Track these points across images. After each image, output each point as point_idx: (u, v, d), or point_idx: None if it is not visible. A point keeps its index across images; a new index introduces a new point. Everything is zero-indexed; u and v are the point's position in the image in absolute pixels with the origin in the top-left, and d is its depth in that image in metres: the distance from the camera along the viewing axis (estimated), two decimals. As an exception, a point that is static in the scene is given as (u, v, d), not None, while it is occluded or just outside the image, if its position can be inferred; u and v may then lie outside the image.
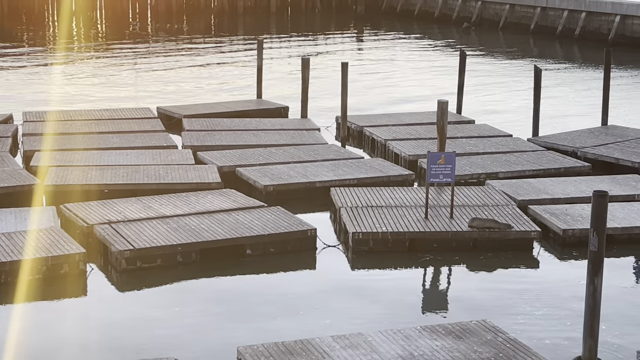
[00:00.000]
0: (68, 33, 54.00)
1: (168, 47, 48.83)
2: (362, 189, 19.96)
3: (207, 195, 19.25)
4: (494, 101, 34.04)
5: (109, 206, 18.30)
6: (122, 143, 23.96)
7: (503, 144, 24.78)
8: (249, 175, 20.87)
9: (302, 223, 17.65)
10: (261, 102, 30.26)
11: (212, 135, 25.05)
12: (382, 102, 33.51)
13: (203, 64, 42.58)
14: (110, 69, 40.69)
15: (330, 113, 28.87)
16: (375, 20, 64.78)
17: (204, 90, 35.39)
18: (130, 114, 27.57)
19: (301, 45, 51.24)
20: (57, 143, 23.48)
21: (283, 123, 27.18)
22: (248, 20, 62.65)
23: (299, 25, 61.61)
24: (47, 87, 35.26)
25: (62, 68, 40.51)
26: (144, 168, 21.21)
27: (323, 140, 25.10)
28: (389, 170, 21.86)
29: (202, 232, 16.90)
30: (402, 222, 17.85)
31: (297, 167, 21.67)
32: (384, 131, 25.77)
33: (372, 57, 47.12)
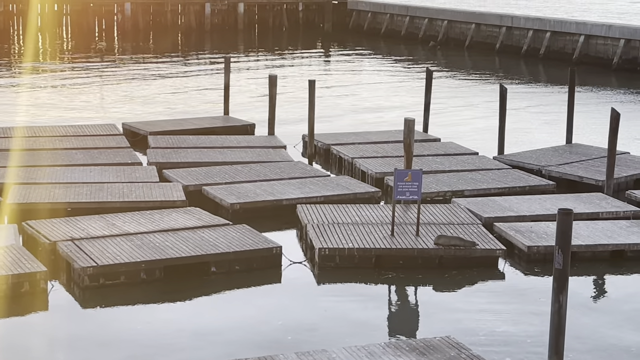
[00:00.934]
0: (33, 49, 53.55)
1: (135, 63, 48.59)
2: (328, 206, 19.91)
3: (172, 213, 19.08)
4: (460, 119, 34.22)
5: (72, 223, 18.08)
6: (86, 160, 23.71)
7: (469, 162, 24.88)
8: (215, 194, 20.74)
9: (268, 241, 17.55)
10: (228, 119, 30.16)
11: (177, 153, 24.88)
12: (349, 120, 33.55)
13: (170, 81, 42.41)
14: (76, 85, 40.38)
15: (297, 131, 28.83)
16: (343, 38, 65.00)
17: (171, 106, 35.21)
18: (95, 131, 27.32)
19: (268, 62, 51.27)
20: (19, 159, 23.17)
21: (249, 140, 27.09)
22: (215, 38, 62.58)
23: (266, 42, 61.68)
24: (11, 103, 34.88)
25: (27, 84, 40.12)
26: (108, 185, 20.99)
27: (289, 158, 25.03)
28: (355, 188, 21.84)
29: (167, 250, 16.73)
30: (369, 238, 17.81)
31: (264, 185, 21.57)
32: (350, 149, 25.77)
33: (339, 74, 47.24)
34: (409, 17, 63.00)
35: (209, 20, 65.34)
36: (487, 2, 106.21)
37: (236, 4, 66.45)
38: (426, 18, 61.59)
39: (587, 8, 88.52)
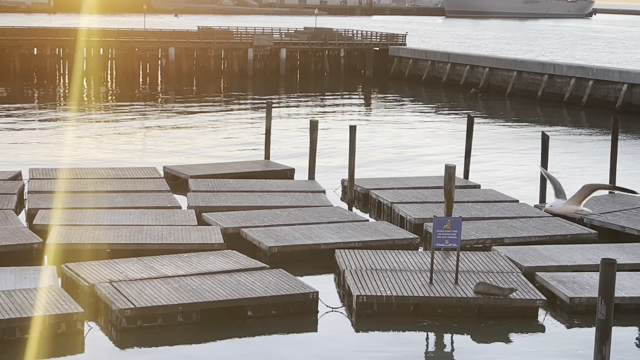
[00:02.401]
0: (78, 92, 54.42)
1: (177, 108, 49.13)
2: (366, 252, 19.80)
3: (209, 256, 19.10)
4: (500, 166, 33.99)
5: (110, 266, 18.16)
6: (126, 202, 23.90)
7: (509, 210, 24.64)
8: (253, 237, 20.75)
9: (304, 286, 17.46)
10: (268, 164, 30.26)
11: (217, 196, 24.99)
12: (389, 165, 33.49)
13: (212, 125, 42.78)
14: (119, 128, 40.89)
15: (337, 175, 28.84)
16: (384, 84, 65.28)
17: (212, 150, 35.46)
18: (136, 174, 27.56)
19: (310, 107, 51.54)
20: (61, 201, 23.42)
21: (289, 185, 27.14)
22: (258, 83, 63.17)
23: (307, 87, 62.09)
24: (56, 145, 35.38)
25: (72, 126, 40.71)
26: (147, 228, 21.11)
27: (328, 203, 25.02)
28: (394, 234, 21.71)
29: (204, 293, 16.71)
30: (407, 286, 17.64)
31: (302, 229, 21.55)
32: (390, 194, 25.69)
33: (379, 120, 47.31)
34: (450, 64, 63.11)
35: (251, 66, 66.03)
36: (533, 48, 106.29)
37: (278, 49, 67.13)
38: (467, 65, 61.65)
39: (631, 57, 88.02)
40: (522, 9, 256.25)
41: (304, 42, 69.00)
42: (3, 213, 22.01)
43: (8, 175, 26.59)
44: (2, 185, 25.11)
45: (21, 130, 39.00)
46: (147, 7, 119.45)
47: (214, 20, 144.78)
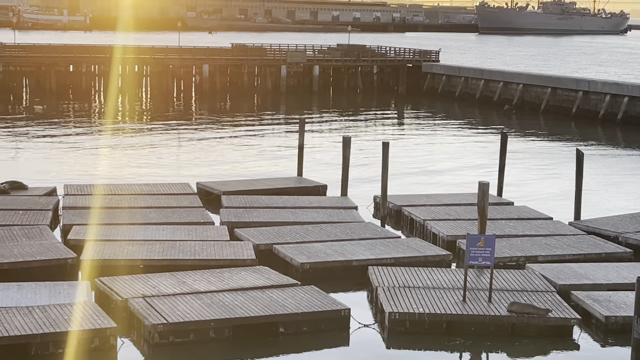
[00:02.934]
0: (113, 109, 54.98)
1: (211, 124, 49.42)
2: (399, 269, 19.72)
3: (241, 272, 19.14)
4: (534, 183, 33.74)
5: (143, 280, 18.25)
6: (159, 218, 24.04)
7: (543, 227, 24.43)
8: (285, 253, 20.76)
9: (336, 302, 17.42)
10: (300, 180, 30.30)
11: (249, 212, 25.05)
12: (422, 182, 33.39)
13: (245, 141, 42.95)
14: (153, 144, 41.18)
15: (369, 192, 28.79)
16: (416, 100, 65.21)
17: (245, 167, 35.59)
18: (169, 190, 27.72)
19: (342, 124, 51.58)
20: (95, 217, 23.62)
21: (321, 201, 27.15)
22: (291, 99, 63.39)
23: (340, 104, 62.18)
24: (91, 161, 35.71)
25: (107, 143, 41.08)
26: (180, 244, 21.21)
27: (360, 219, 24.98)
28: (426, 250, 21.62)
29: (236, 309, 16.73)
30: (440, 303, 17.53)
31: (334, 246, 21.52)
32: (422, 211, 25.59)
33: (412, 136, 47.23)
34: (484, 81, 62.91)
35: (284, 82, 66.29)
36: (568, 65, 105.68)
37: (311, 66, 67.35)
38: (501, 81, 61.41)
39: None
40: (557, 25, 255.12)
41: (337, 59, 69.18)
42: (38, 229, 22.23)
43: (43, 191, 26.88)
44: (38, 201, 25.39)
45: (56, 146, 39.42)
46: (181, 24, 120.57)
47: (247, 37, 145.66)
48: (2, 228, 22.12)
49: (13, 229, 22.02)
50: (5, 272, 19.11)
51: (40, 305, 16.51)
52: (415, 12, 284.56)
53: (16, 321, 15.57)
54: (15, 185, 27.15)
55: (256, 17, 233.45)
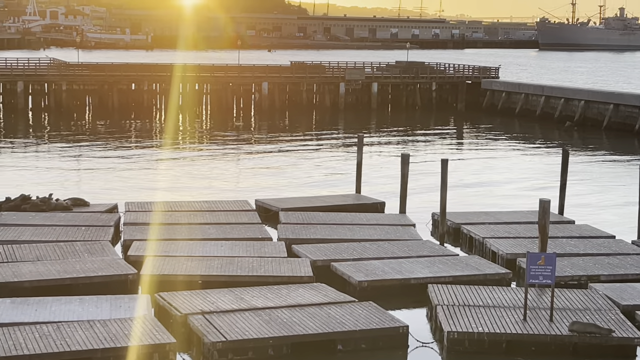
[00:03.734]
0: (174, 127, 55.66)
1: (270, 141, 49.71)
2: (459, 287, 19.53)
3: (299, 289, 19.15)
4: (595, 201, 33.19)
5: (202, 296, 18.37)
6: (218, 234, 24.22)
7: (605, 246, 23.99)
8: (343, 270, 20.72)
9: (394, 319, 17.32)
10: (359, 197, 30.26)
11: (307, 229, 25.09)
12: (481, 199, 33.08)
13: (304, 159, 43.09)
14: (213, 161, 41.56)
15: (427, 209, 28.62)
16: (476, 117, 64.74)
17: (304, 184, 35.68)
18: (228, 206, 27.91)
19: (401, 141, 51.44)
20: (155, 233, 23.89)
21: (378, 218, 27.06)
22: (349, 116, 63.45)
23: (399, 121, 62.03)
24: (151, 178, 36.16)
25: (167, 160, 41.59)
26: (238, 260, 21.32)
27: (418, 237, 24.85)
28: (485, 269, 21.38)
29: (294, 326, 16.73)
30: (500, 323, 17.31)
31: (392, 263, 21.42)
32: (481, 229, 25.35)
33: (471, 154, 46.87)
34: (545, 97, 62.21)
35: (343, 100, 66.42)
36: (631, 81, 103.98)
37: (370, 83, 67.39)
38: (562, 98, 60.66)
39: None
40: (619, 40, 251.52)
41: (395, 76, 69.11)
42: (100, 244, 22.57)
43: (105, 208, 27.29)
44: (99, 218, 25.78)
45: (118, 163, 40.02)
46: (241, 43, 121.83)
47: (306, 55, 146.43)
48: (65, 244, 22.51)
49: (75, 245, 22.40)
50: (68, 287, 19.43)
51: (101, 319, 16.73)
52: (474, 29, 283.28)
53: (77, 336, 15.79)
54: (78, 202, 27.61)
55: (315, 35, 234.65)
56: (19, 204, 26.78)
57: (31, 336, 15.68)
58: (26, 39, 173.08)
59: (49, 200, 27.09)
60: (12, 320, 16.60)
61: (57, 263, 20.61)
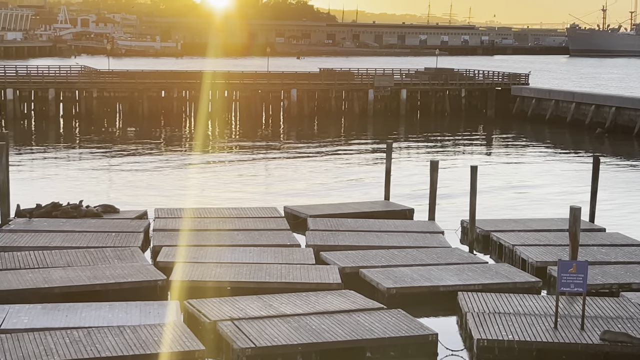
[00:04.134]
0: (203, 134, 55.90)
1: (298, 148, 49.77)
2: (489, 295, 19.42)
3: (327, 296, 19.13)
4: (627, 209, 32.86)
5: (231, 303, 18.40)
6: (247, 241, 24.27)
7: (637, 254, 23.73)
8: (372, 277, 20.67)
9: (424, 327, 17.24)
10: (387, 204, 30.18)
11: (335, 236, 25.07)
12: (510, 206, 32.88)
13: (332, 165, 43.09)
14: (242, 168, 41.67)
15: (456, 216, 28.49)
16: (506, 124, 64.42)
17: (333, 190, 35.66)
18: (257, 213, 27.97)
19: (430, 147, 51.30)
20: (184, 239, 23.98)
21: (407, 225, 26.98)
22: (378, 123, 63.39)
23: (428, 128, 61.88)
24: (181, 185, 36.33)
25: (196, 167, 41.76)
26: (266, 266, 21.35)
27: (446, 244, 24.73)
28: (515, 277, 21.23)
29: (323, 333, 16.71)
30: (530, 331, 17.18)
31: (421, 270, 21.34)
32: (511, 236, 25.19)
33: (501, 160, 46.62)
34: (575, 104, 61.77)
35: (372, 106, 66.40)
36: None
37: (399, 90, 67.31)
38: (593, 104, 60.19)
39: None
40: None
41: (424, 83, 68.99)
42: (130, 250, 22.70)
43: (134, 214, 27.44)
44: (129, 224, 25.93)
45: (148, 170, 40.24)
46: (270, 50, 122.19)
47: (335, 62, 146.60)
48: (96, 250, 22.67)
49: (105, 251, 22.55)
50: (97, 293, 19.55)
51: (131, 325, 16.80)
52: (504, 35, 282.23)
53: (108, 342, 15.87)
54: (108, 208, 27.80)
55: (344, 42, 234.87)
56: (49, 210, 27.00)
57: (62, 341, 15.79)
58: (57, 46, 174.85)
59: (79, 207, 27.30)
60: (43, 325, 16.74)
61: (87, 269, 20.75)
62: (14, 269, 20.83)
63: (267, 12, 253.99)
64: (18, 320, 16.94)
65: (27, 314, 17.36)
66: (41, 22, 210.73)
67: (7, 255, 21.93)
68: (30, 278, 19.85)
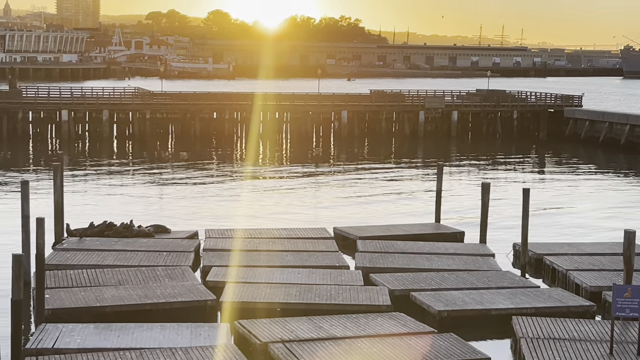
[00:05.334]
0: (254, 155, 56.18)
1: (349, 169, 49.73)
2: (544, 319, 19.12)
3: (377, 318, 19.00)
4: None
5: (281, 324, 18.37)
6: (296, 261, 24.27)
7: (695, 278, 23.18)
8: (422, 300, 20.49)
9: (476, 351, 17.02)
10: (438, 226, 29.97)
11: (385, 257, 24.94)
12: (563, 230, 32.41)
13: (382, 187, 42.96)
14: (292, 189, 41.75)
15: (507, 239, 28.17)
16: (558, 146, 63.69)
17: (382, 212, 35.52)
18: (307, 234, 27.97)
19: (481, 169, 50.89)
20: (234, 259, 24.07)
21: (457, 248, 26.74)
22: (428, 145, 63.12)
23: (479, 149, 61.43)
24: (232, 205, 36.49)
25: (247, 188, 41.94)
26: (316, 287, 21.30)
27: (497, 267, 24.44)
28: (569, 301, 20.89)
29: (374, 356, 16.58)
30: (586, 356, 16.87)
31: (472, 294, 21.10)
32: (564, 260, 24.81)
33: (554, 183, 46.05)
34: (630, 126, 60.84)
35: (422, 128, 66.17)
36: None
37: (450, 112, 67.00)
38: (648, 127, 59.21)
39: None
40: None
41: (476, 104, 68.59)
42: (180, 269, 22.84)
43: (185, 234, 27.64)
44: (180, 244, 26.10)
45: (199, 191, 40.52)
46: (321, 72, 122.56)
47: (386, 83, 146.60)
48: (147, 268, 22.85)
49: (157, 270, 22.71)
50: (148, 312, 19.67)
51: (182, 347, 16.85)
52: (556, 57, 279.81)
53: (158, 361, 15.92)
54: (159, 228, 28.04)
55: (395, 64, 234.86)
56: (102, 229, 27.32)
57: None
58: (111, 68, 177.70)
59: (131, 226, 27.57)
60: (95, 346, 16.87)
61: (138, 287, 20.92)
62: (67, 287, 21.09)
63: (318, 34, 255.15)
64: (71, 340, 17.11)
65: (80, 333, 17.52)
66: (96, 45, 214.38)
67: (60, 273, 22.22)
68: (82, 297, 20.06)
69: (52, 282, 21.32)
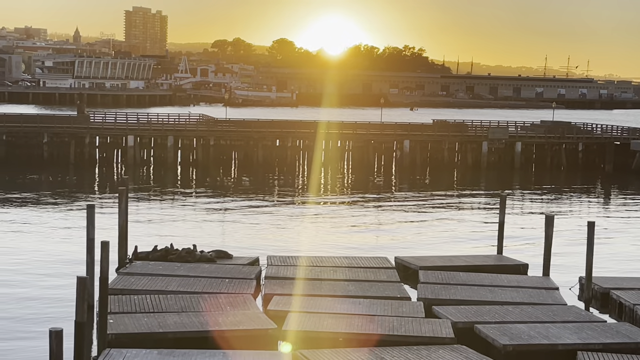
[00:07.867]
0: (316, 183, 56.30)
1: (410, 199, 49.51)
2: (611, 355, 18.72)
3: (439, 350, 18.78)
4: None
5: (343, 355, 18.28)
6: (357, 291, 24.16)
7: None
8: (487, 333, 20.21)
9: (540, 388, 16.68)
10: (501, 258, 29.60)
11: (447, 289, 24.69)
12: (630, 264, 31.73)
13: (444, 217, 42.64)
14: (353, 217, 41.70)
15: (572, 272, 27.69)
16: (624, 179, 62.57)
17: (444, 242, 35.24)
18: (368, 263, 27.86)
19: (545, 201, 50.21)
20: (295, 288, 24.07)
21: (521, 280, 26.35)
22: (491, 176, 62.56)
23: (543, 181, 60.65)
24: (293, 233, 36.59)
25: (309, 215, 42.01)
26: (377, 318, 21.15)
27: (562, 301, 24.01)
28: (637, 337, 20.38)
29: (434, 389, 16.37)
30: (651, 396, 16.41)
31: (537, 327, 20.74)
32: (632, 294, 24.27)
33: (620, 217, 45.18)
34: (699, 159, 59.51)
35: (485, 158, 65.64)
36: None
37: (514, 142, 66.37)
38: None
39: None
40: None
41: (540, 136, 67.83)
42: (242, 297, 22.90)
43: (247, 261, 27.75)
44: (241, 270, 26.21)
45: (261, 217, 40.71)
46: (384, 101, 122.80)
47: (449, 113, 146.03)
48: (210, 295, 22.97)
49: (219, 297, 22.82)
50: (210, 339, 19.73)
51: (241, 373, 16.85)
52: (623, 89, 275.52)
53: (218, 387, 15.94)
54: (221, 254, 28.22)
55: (458, 94, 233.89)
56: (165, 254, 27.60)
57: (174, 386, 15.96)
58: (177, 95, 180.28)
59: (193, 252, 27.80)
60: (156, 369, 16.96)
61: (200, 315, 21.03)
62: (131, 312, 21.29)
63: (381, 63, 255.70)
64: (134, 364, 17.24)
65: (144, 358, 17.66)
66: (162, 72, 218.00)
67: (124, 298, 22.46)
68: (145, 322, 20.23)
69: (116, 307, 21.55)
